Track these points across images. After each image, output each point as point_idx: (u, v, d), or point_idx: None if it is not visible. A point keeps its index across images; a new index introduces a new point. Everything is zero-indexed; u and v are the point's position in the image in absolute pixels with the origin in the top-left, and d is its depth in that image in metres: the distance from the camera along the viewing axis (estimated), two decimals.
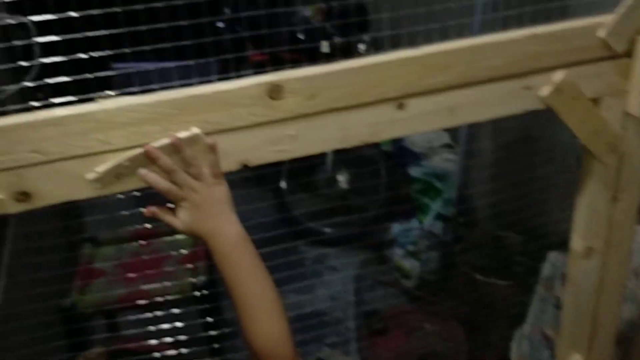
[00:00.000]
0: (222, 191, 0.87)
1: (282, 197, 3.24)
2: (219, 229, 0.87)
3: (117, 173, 0.82)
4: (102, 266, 2.28)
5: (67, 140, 0.80)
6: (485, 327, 2.29)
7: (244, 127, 0.87)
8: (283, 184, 3.26)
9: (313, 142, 0.92)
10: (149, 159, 0.82)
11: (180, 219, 0.86)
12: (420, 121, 0.96)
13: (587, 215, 1.13)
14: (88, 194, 0.83)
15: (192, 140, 0.83)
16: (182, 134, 0.83)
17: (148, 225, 2.22)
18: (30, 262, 1.99)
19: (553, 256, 1.81)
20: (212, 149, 0.85)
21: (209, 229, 0.87)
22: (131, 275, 2.18)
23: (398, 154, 3.34)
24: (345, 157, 3.22)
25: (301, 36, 2.98)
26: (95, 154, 0.81)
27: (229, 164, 0.88)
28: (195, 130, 0.83)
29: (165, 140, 0.82)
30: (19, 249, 1.99)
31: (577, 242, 1.15)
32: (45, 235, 2.15)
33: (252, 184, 3.31)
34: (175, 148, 0.82)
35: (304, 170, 3.22)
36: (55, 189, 0.82)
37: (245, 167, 0.89)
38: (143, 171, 0.83)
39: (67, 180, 0.82)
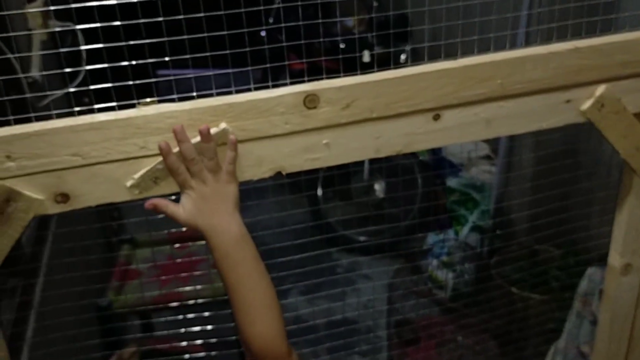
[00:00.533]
0: (232, 190, 0.87)
1: (317, 204, 3.25)
2: (220, 226, 0.86)
3: (154, 177, 0.84)
4: (138, 267, 2.32)
5: (106, 144, 0.82)
6: (519, 341, 2.25)
7: (279, 135, 0.87)
8: (319, 191, 3.27)
9: (347, 151, 0.92)
10: (175, 139, 0.82)
11: (184, 207, 0.86)
12: (456, 132, 0.96)
13: (626, 231, 1.10)
14: (126, 197, 0.85)
15: (220, 135, 0.84)
16: (212, 130, 0.83)
17: (183, 229, 2.26)
18: (69, 261, 2.03)
19: (591, 272, 1.77)
20: (233, 146, 0.85)
21: (211, 225, 0.86)
22: (166, 277, 2.21)
23: (436, 164, 3.32)
24: (383, 165, 3.21)
25: (342, 45, 2.99)
26: (133, 158, 0.83)
27: (264, 171, 0.89)
28: (223, 125, 0.84)
29: (197, 138, 0.83)
30: (59, 248, 2.04)
31: (615, 258, 1.13)
32: (84, 236, 2.20)
33: (287, 190, 3.34)
34: (201, 137, 0.83)
35: (341, 178, 3.23)
36: (93, 191, 0.84)
37: (280, 175, 0.90)
38: (163, 144, 0.82)
39: (105, 183, 0.84)
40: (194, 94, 0.93)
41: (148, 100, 0.82)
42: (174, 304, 2.17)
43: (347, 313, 2.66)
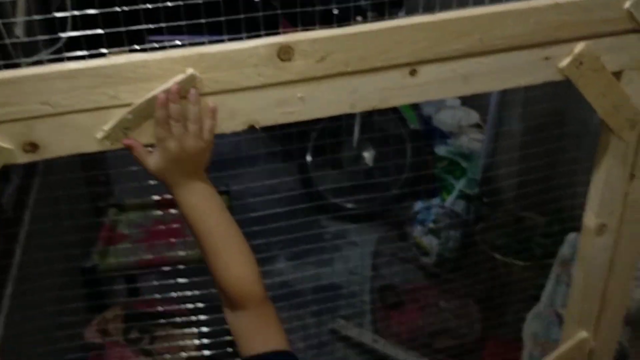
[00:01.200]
0: (206, 157, 0.88)
1: (307, 172, 3.24)
2: (187, 184, 0.87)
3: (124, 127, 0.83)
4: (124, 231, 2.32)
5: (76, 93, 0.81)
6: (501, 306, 2.27)
7: (252, 87, 0.86)
8: (308, 159, 3.27)
9: (322, 105, 0.91)
10: (160, 105, 0.82)
11: (155, 160, 0.86)
12: (433, 88, 0.95)
13: (602, 191, 1.10)
14: (97, 147, 0.84)
15: (187, 82, 0.83)
16: (178, 77, 0.82)
17: (167, 195, 2.25)
18: (54, 224, 2.03)
19: (572, 237, 1.78)
20: (213, 113, 0.85)
21: (178, 182, 0.87)
22: (152, 241, 2.21)
23: (426, 132, 3.31)
24: (372, 134, 3.21)
25: (336, 12, 2.96)
26: (103, 108, 0.82)
27: (237, 124, 0.89)
28: (190, 71, 0.82)
29: (166, 85, 0.82)
30: (43, 213, 2.03)
31: (590, 219, 1.13)
32: (70, 200, 2.20)
33: (277, 158, 3.33)
34: (170, 97, 0.82)
35: (330, 146, 3.22)
36: (63, 141, 0.83)
37: (252, 128, 0.89)
38: (162, 96, 0.82)
39: (75, 133, 0.83)
40: None
41: (118, 49, 0.81)
42: (160, 268, 2.18)
43: (333, 279, 2.68)
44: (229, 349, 2.00)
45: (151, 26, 1.28)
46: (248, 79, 0.86)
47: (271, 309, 0.93)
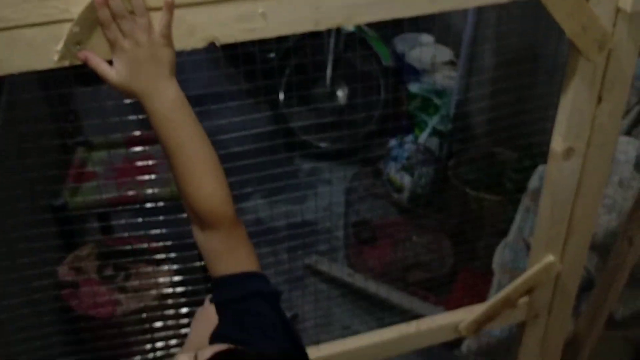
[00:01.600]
0: (167, 53, 0.83)
1: (279, 109, 3.21)
2: (157, 91, 0.82)
3: (75, 41, 0.80)
4: (94, 169, 2.29)
5: (26, 7, 0.77)
6: (472, 240, 2.30)
7: (211, 1, 0.83)
8: (281, 97, 3.23)
9: (284, 22, 0.88)
10: (99, 5, 0.78)
11: (116, 70, 0.81)
12: (399, 6, 0.93)
13: (570, 114, 1.10)
14: (49, 64, 0.81)
15: None
16: None
17: (138, 133, 2.23)
18: (19, 162, 1.98)
19: (542, 169, 1.79)
20: (168, 7, 0.81)
21: (147, 89, 0.82)
22: (123, 179, 2.19)
23: (399, 70, 3.28)
24: (346, 72, 3.17)
25: None
26: (54, 22, 0.79)
27: (197, 40, 0.86)
28: None
29: None
30: (8, 149, 1.99)
31: (557, 142, 1.13)
32: (36, 136, 2.15)
33: (249, 95, 3.28)
34: None
35: (303, 83, 3.18)
36: (14, 57, 0.79)
37: (213, 46, 0.86)
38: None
39: (27, 49, 0.79)
40: None
41: None
42: (131, 205, 2.16)
43: (307, 216, 2.68)
44: (202, 286, 2.01)
45: None
46: None
47: (242, 231, 0.91)
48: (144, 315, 1.96)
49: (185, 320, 1.96)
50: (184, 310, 1.99)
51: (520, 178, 2.31)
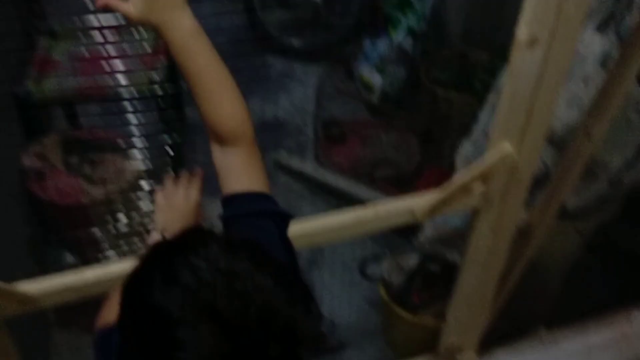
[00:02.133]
0: None
1: (252, 6, 3.12)
2: (173, 20, 0.87)
3: None
4: (59, 58, 2.23)
5: None
6: (439, 139, 2.33)
7: None
8: None
9: None
10: None
11: (134, 4, 0.86)
12: None
13: (536, 3, 1.09)
14: None
15: None
16: None
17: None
18: None
19: None
20: None
21: (164, 20, 0.87)
22: (89, 68, 2.14)
23: None
24: None
25: None
26: None
27: None
28: None
29: None
30: None
31: (522, 31, 1.13)
32: None
33: None
34: None
35: None
36: None
37: None
38: None
39: None
40: None
41: None
42: (96, 96, 2.12)
43: (278, 114, 2.68)
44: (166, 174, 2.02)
45: None
46: None
47: (258, 154, 0.95)
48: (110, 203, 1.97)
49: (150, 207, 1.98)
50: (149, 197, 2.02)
51: (491, 78, 2.31)
